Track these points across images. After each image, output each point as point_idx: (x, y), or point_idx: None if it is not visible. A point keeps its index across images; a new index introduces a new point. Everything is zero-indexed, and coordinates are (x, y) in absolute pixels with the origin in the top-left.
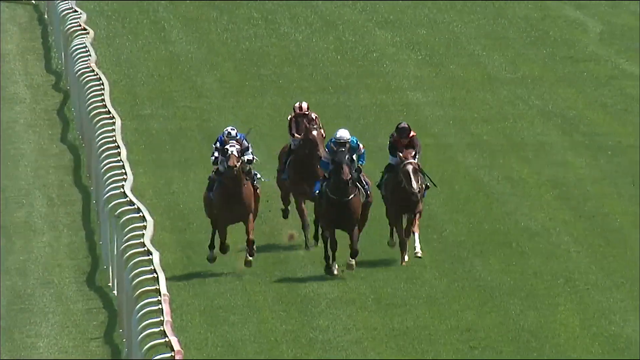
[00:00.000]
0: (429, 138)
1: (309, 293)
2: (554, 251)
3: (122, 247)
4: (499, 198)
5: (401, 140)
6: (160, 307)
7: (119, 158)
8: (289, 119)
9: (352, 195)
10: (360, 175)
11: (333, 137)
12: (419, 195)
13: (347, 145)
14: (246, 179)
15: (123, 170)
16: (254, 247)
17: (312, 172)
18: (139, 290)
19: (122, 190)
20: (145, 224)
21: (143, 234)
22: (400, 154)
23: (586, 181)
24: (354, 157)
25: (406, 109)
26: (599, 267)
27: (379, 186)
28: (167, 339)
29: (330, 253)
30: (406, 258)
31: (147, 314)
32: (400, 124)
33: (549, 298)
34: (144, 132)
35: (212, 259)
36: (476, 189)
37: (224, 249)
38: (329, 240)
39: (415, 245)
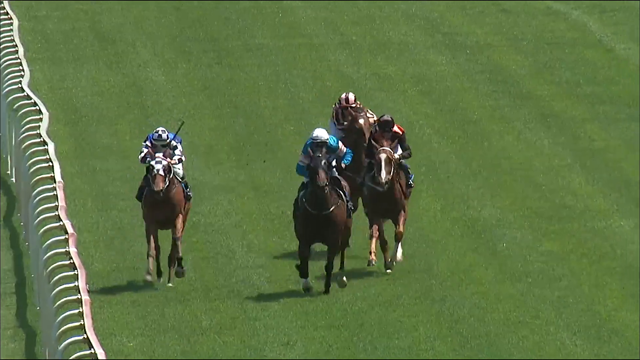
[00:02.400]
0: (302, 38)
1: (191, 181)
2: (417, 142)
3: (20, 138)
4: (367, 93)
5: (384, 134)
6: (55, 193)
7: (17, 56)
8: (333, 108)
9: (332, 207)
10: (340, 180)
11: (310, 138)
12: (385, 186)
13: (325, 147)
14: (176, 183)
15: (21, 67)
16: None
17: (358, 162)
18: (36, 178)
19: (19, 85)
20: (41, 116)
21: (39, 125)
22: (375, 143)
23: (446, 77)
24: (334, 160)
25: (281, 11)
26: (458, 156)
27: (360, 184)
28: (61, 223)
29: (306, 269)
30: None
31: (43, 199)
32: (382, 116)
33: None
34: (39, 32)
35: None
36: (346, 84)
37: (156, 251)
38: (305, 260)
39: (398, 252)
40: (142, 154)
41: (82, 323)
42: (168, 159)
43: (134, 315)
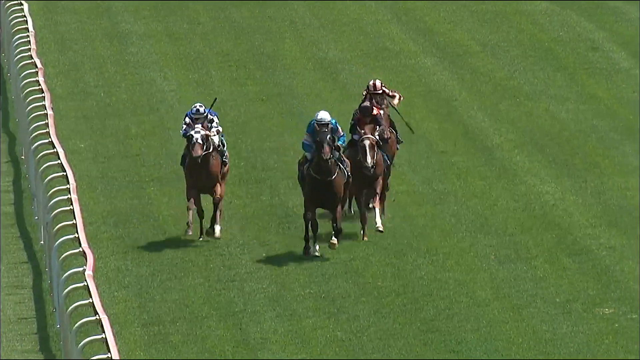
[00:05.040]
0: None
1: (124, 30)
2: (287, 4)
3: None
4: None
5: (364, 119)
6: (29, 39)
7: None
8: (364, 94)
9: (334, 175)
10: (341, 154)
11: (314, 119)
12: (372, 170)
13: (330, 126)
14: (214, 154)
15: None
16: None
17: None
18: (15, 28)
19: None
20: None
21: None
22: (360, 130)
23: None
24: (335, 138)
25: None
26: (312, 14)
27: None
28: (33, 60)
29: (311, 234)
30: (368, 235)
31: (20, 43)
32: (362, 102)
33: (279, 34)
34: None
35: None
36: None
37: (199, 214)
38: (310, 222)
39: (376, 220)
40: (183, 129)
41: (48, 131)
42: (206, 130)
43: (83, 125)
